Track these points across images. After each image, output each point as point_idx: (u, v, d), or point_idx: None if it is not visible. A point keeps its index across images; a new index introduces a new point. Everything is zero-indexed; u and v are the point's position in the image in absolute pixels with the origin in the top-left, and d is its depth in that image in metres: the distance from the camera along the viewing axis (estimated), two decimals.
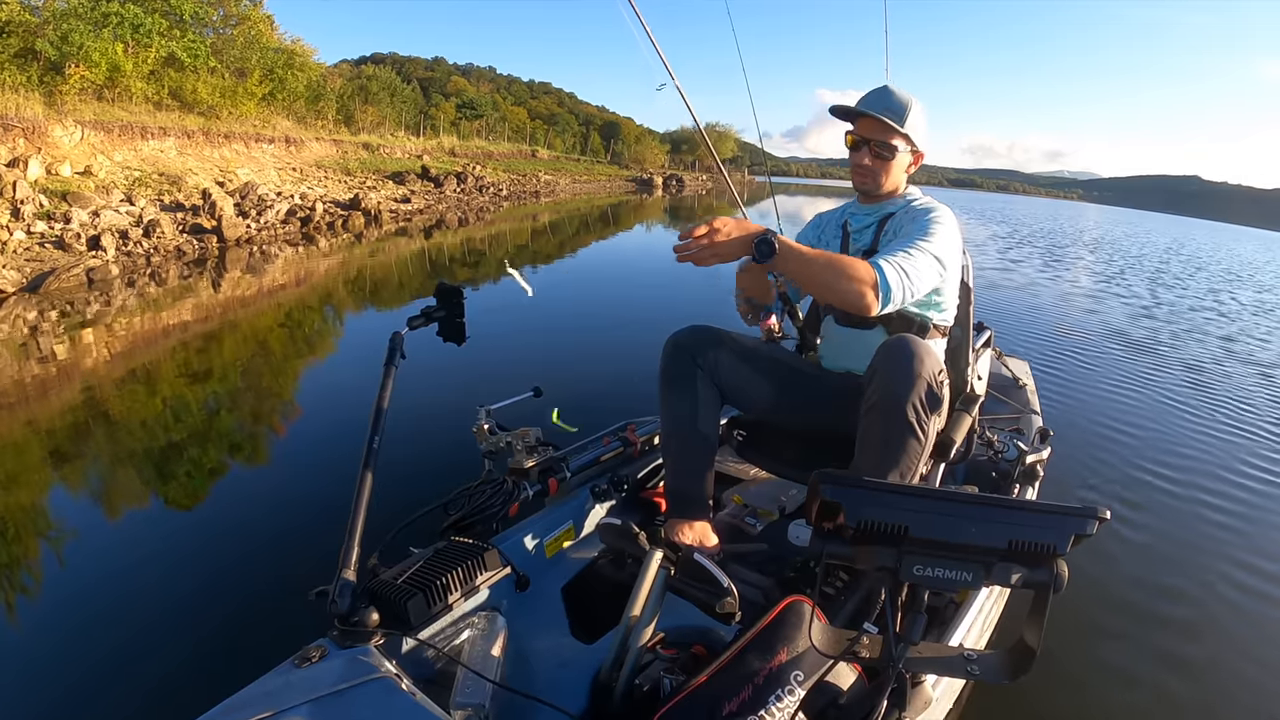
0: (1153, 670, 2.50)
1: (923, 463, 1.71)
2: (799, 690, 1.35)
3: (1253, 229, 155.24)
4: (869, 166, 2.04)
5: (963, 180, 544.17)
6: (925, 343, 1.69)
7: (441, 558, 1.72)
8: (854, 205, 2.22)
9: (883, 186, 2.07)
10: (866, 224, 2.13)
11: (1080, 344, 7.78)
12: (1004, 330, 7.57)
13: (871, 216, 2.13)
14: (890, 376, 1.64)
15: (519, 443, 2.09)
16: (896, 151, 2.00)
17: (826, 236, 2.25)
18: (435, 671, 1.59)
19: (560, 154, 47.00)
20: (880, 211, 2.12)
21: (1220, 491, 4.05)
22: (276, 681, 1.27)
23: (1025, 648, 1.12)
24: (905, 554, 1.07)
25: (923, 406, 1.62)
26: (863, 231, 2.14)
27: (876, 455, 1.67)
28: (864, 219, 2.15)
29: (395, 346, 1.74)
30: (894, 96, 1.99)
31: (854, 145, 2.04)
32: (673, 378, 2.05)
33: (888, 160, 2.02)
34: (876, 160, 2.02)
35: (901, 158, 2.04)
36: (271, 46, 22.78)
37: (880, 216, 2.11)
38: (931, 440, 1.69)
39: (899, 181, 2.10)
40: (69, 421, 4.29)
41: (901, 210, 2.07)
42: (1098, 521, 1.01)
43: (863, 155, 2.03)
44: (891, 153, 2.00)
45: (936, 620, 1.81)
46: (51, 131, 11.72)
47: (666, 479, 2.10)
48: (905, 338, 1.68)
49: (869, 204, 2.16)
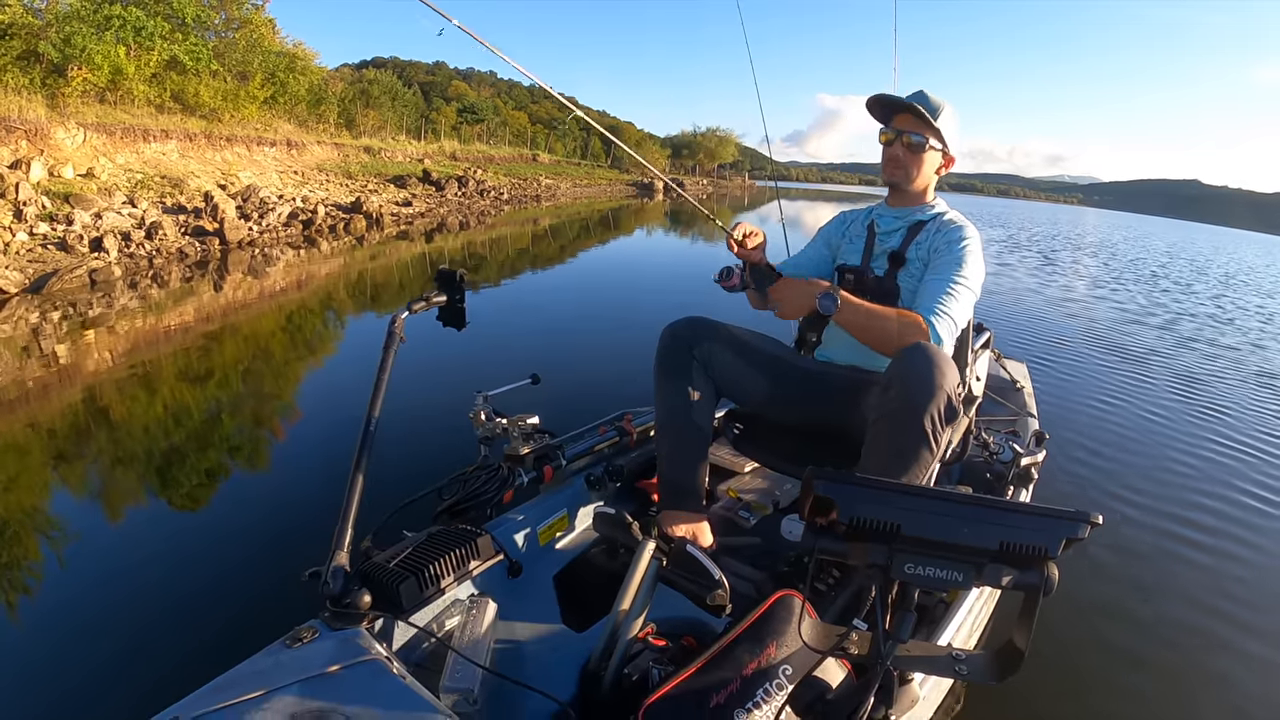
0: (1140, 675, 2.52)
1: (931, 472, 1.70)
2: (787, 684, 1.36)
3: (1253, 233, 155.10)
4: (900, 158, 2.08)
5: (963, 185, 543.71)
6: (947, 355, 1.69)
7: (435, 542, 1.73)
8: (881, 207, 2.26)
9: (913, 181, 2.11)
10: (895, 227, 2.17)
11: (1079, 348, 7.79)
12: (1003, 332, 7.58)
13: (901, 221, 2.17)
14: (910, 386, 1.62)
15: (515, 429, 2.10)
16: (928, 145, 2.04)
17: (851, 234, 2.29)
18: (425, 655, 1.60)
19: (561, 158, 47.03)
20: (910, 217, 2.16)
21: (1216, 496, 4.06)
22: (267, 661, 1.27)
23: (1013, 649, 1.13)
24: (897, 552, 1.08)
25: (940, 418, 1.61)
26: (891, 234, 2.17)
27: (887, 462, 1.66)
28: (893, 221, 2.19)
29: (394, 330, 1.75)
30: (929, 98, 2.04)
31: (888, 141, 2.09)
32: (668, 368, 2.07)
33: (919, 154, 2.06)
34: (908, 152, 2.07)
35: (932, 155, 2.08)
36: (273, 50, 22.79)
37: (910, 222, 2.15)
38: (942, 451, 1.68)
39: (928, 180, 2.14)
40: (70, 421, 4.30)
41: (932, 223, 2.11)
42: (1090, 526, 1.02)
43: (896, 148, 2.08)
44: (923, 146, 2.04)
45: (926, 619, 1.81)
46: (54, 134, 11.75)
47: (660, 470, 2.11)
48: (926, 347, 1.67)
49: (898, 206, 2.20)
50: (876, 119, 2.13)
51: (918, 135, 2.03)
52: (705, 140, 66.81)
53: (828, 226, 2.39)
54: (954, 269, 1.93)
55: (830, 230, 2.37)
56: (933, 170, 2.12)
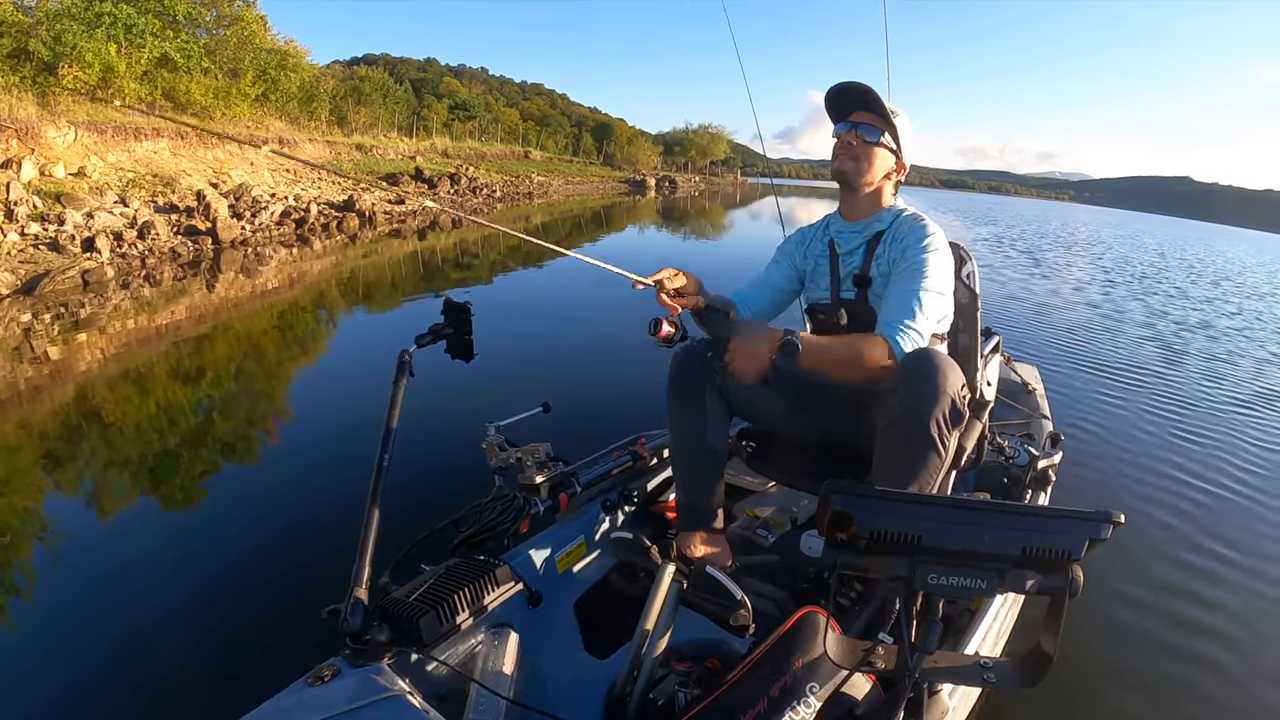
0: (1172, 675, 2.49)
1: (941, 477, 1.70)
2: (815, 702, 1.34)
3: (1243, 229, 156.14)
4: (854, 146, 2.01)
5: (954, 181, 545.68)
6: (948, 358, 1.68)
7: (453, 575, 1.72)
8: (837, 221, 2.17)
9: (863, 175, 2.02)
10: (855, 245, 2.09)
11: (1089, 348, 7.79)
12: (1012, 335, 7.57)
13: (859, 236, 2.09)
14: (914, 392, 1.63)
15: (529, 458, 2.08)
16: (880, 140, 1.99)
17: (813, 255, 2.20)
18: (448, 689, 1.57)
19: (553, 155, 47.04)
20: (867, 230, 2.07)
21: (1237, 491, 4.05)
22: (289, 701, 1.27)
23: (1041, 654, 1.13)
24: (919, 563, 1.08)
25: (945, 422, 1.62)
26: (852, 254, 2.09)
27: (896, 470, 1.66)
28: (852, 239, 2.10)
29: (404, 364, 1.73)
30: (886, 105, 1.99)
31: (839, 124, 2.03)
32: (681, 390, 2.06)
33: (872, 147, 2.00)
34: (862, 144, 2.00)
35: (885, 154, 2.02)
36: (265, 47, 22.71)
37: (868, 236, 2.06)
38: (951, 455, 1.68)
39: (876, 179, 2.05)
40: (64, 425, 4.26)
41: (889, 230, 2.03)
42: (1112, 525, 1.02)
43: (849, 135, 2.01)
44: (876, 140, 1.99)
45: (951, 628, 1.80)
46: (45, 132, 11.68)
47: (676, 492, 2.11)
48: (928, 352, 1.68)
49: (852, 218, 2.12)
50: (833, 119, 2.06)
51: (874, 129, 1.98)
52: (697, 137, 66.75)
53: (787, 245, 2.31)
54: (914, 277, 1.87)
55: (790, 249, 2.28)
56: (884, 171, 2.04)
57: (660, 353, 2.05)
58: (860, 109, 2.00)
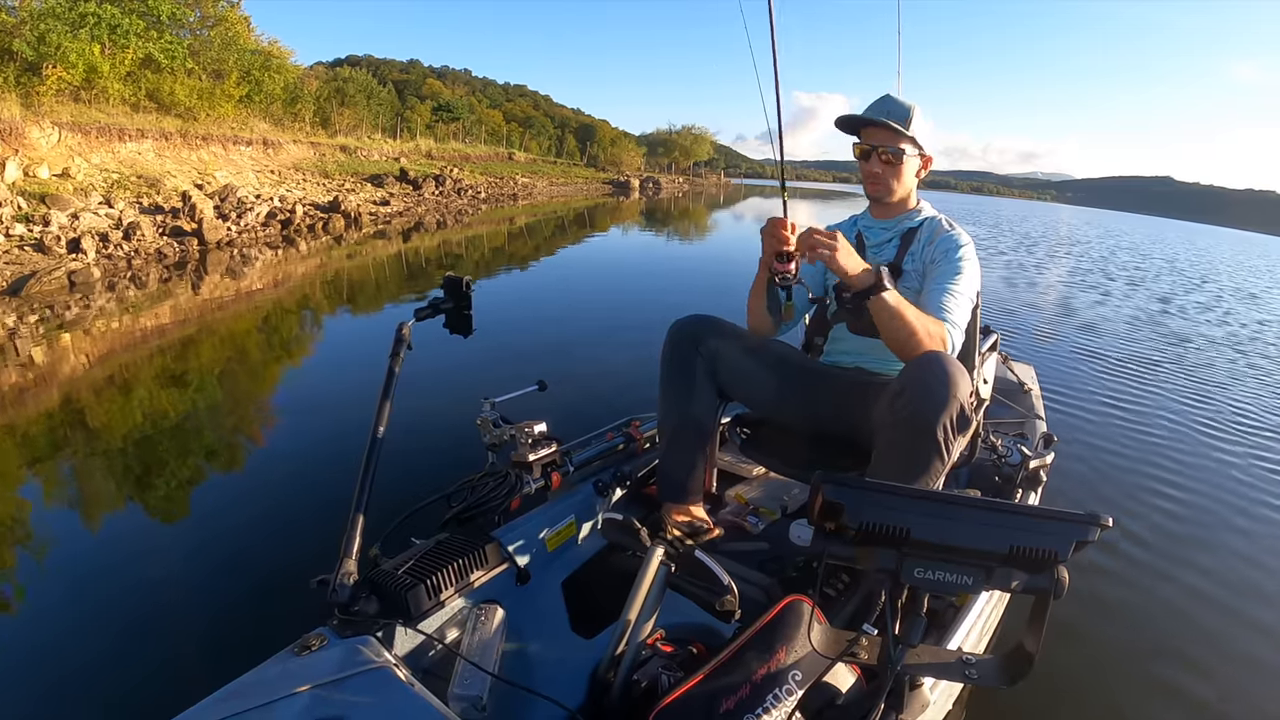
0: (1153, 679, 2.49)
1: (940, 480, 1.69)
2: (797, 690, 1.34)
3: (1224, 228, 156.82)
4: (880, 174, 2.07)
5: (938, 182, 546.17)
6: (959, 363, 1.67)
7: (442, 549, 1.72)
8: (866, 218, 2.24)
9: (895, 193, 2.10)
10: (886, 239, 2.16)
11: (1086, 349, 7.78)
12: (1009, 334, 7.61)
13: (890, 231, 2.16)
14: (923, 395, 1.61)
15: (522, 436, 2.08)
16: (905, 155, 2.03)
17: None
18: (434, 662, 1.59)
19: (537, 157, 46.94)
20: (898, 226, 2.14)
21: (1226, 501, 4.01)
22: (275, 669, 1.27)
23: (1024, 653, 1.14)
24: (906, 556, 1.09)
25: (952, 427, 1.60)
26: (882, 246, 2.16)
27: (897, 469, 1.64)
28: (881, 233, 2.17)
29: (401, 338, 1.74)
30: (896, 103, 2.03)
31: (863, 154, 2.08)
32: (673, 363, 2.07)
33: (897, 165, 2.05)
34: (886, 166, 2.05)
35: (910, 161, 2.07)
36: (249, 48, 22.61)
37: (900, 231, 2.14)
38: (953, 459, 1.67)
39: (910, 187, 2.13)
40: (53, 424, 4.24)
41: (924, 229, 2.10)
42: (1100, 528, 1.03)
43: (873, 163, 2.06)
44: (899, 157, 2.03)
45: (936, 623, 1.80)
46: (29, 133, 11.59)
47: (660, 462, 2.12)
48: (939, 355, 1.67)
49: (883, 217, 2.18)
50: (847, 131, 2.12)
51: (894, 148, 2.02)
52: (681, 138, 66.68)
53: None
54: (953, 278, 1.93)
55: None
56: (913, 176, 2.11)
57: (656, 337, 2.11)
58: (873, 125, 2.04)
